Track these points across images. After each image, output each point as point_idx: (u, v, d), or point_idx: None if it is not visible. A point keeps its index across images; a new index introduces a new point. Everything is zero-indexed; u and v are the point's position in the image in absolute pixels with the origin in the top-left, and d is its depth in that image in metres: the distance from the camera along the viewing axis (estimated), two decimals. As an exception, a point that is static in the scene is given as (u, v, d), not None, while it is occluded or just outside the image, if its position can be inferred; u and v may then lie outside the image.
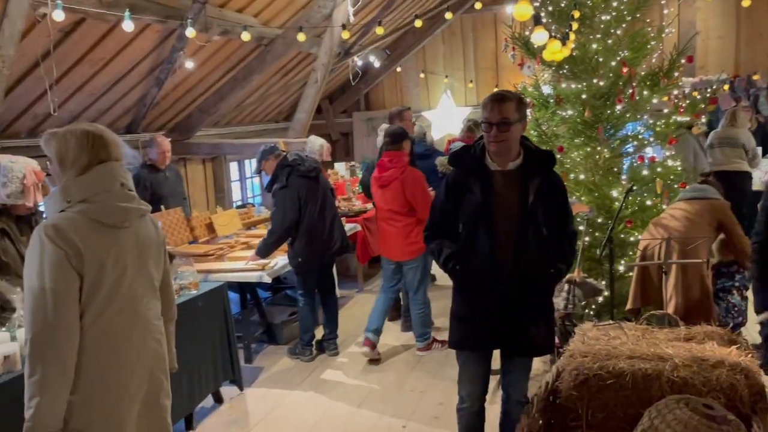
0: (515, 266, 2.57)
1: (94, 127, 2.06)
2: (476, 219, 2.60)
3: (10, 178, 3.24)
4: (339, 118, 10.81)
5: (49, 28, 4.18)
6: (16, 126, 5.37)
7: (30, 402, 1.84)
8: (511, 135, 2.53)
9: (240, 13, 6.20)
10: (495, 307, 2.62)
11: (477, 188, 2.60)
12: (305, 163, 4.68)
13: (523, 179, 2.60)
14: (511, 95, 2.58)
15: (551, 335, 2.77)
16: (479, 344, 2.72)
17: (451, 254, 2.67)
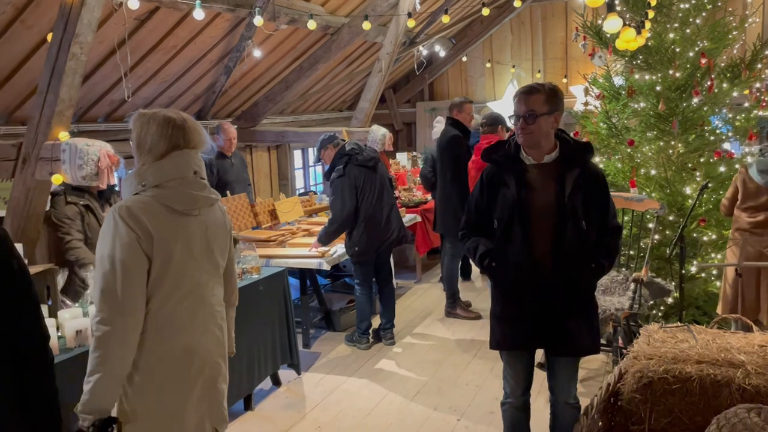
0: (553, 262, 2.50)
1: (177, 115, 2.08)
2: (511, 214, 2.54)
3: (86, 161, 3.41)
4: (402, 108, 10.78)
5: (124, 17, 4.33)
6: (94, 111, 5.62)
7: (90, 376, 1.90)
8: (538, 127, 2.49)
9: (307, 2, 6.26)
10: (534, 305, 2.55)
11: (512, 183, 2.56)
12: (363, 152, 4.69)
13: (560, 172, 2.53)
14: (540, 87, 2.53)
15: (595, 334, 2.66)
16: (519, 344, 2.66)
17: (486, 251, 2.63)
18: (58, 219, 3.48)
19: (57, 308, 3.09)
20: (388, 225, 4.75)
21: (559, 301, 2.53)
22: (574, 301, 2.56)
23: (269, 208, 5.85)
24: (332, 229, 4.69)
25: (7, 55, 4.32)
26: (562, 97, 2.58)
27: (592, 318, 2.63)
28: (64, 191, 3.43)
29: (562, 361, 2.67)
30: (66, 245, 3.46)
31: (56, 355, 2.62)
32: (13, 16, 4.03)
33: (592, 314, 2.64)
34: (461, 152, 5.18)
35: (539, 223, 2.52)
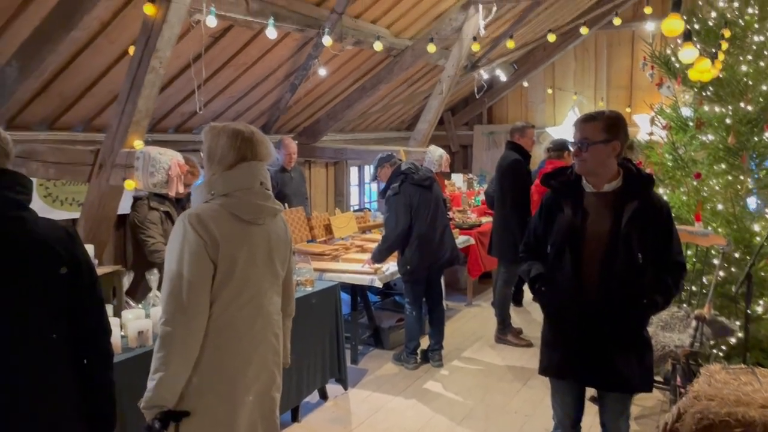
0: (601, 293, 2.45)
1: (245, 128, 2.17)
2: (563, 240, 2.53)
3: (157, 169, 3.57)
4: (460, 130, 10.80)
5: (201, 33, 4.53)
6: (166, 122, 5.87)
7: (153, 375, 1.98)
8: (592, 155, 2.47)
9: (374, 24, 6.39)
10: (578, 335, 2.51)
11: (568, 208, 2.55)
12: (419, 172, 4.74)
13: (619, 202, 2.49)
14: (598, 116, 2.52)
15: (647, 372, 2.56)
16: (563, 372, 2.62)
17: (538, 275, 2.63)
18: (140, 222, 3.67)
19: (121, 308, 3.22)
20: (441, 245, 4.76)
21: (604, 333, 2.48)
22: (621, 335, 2.49)
23: (324, 223, 5.95)
24: (385, 246, 4.74)
25: (89, 67, 4.58)
26: (624, 125, 2.55)
27: (642, 354, 2.54)
28: (147, 197, 3.61)
29: (612, 396, 2.61)
30: (150, 247, 3.64)
31: (118, 354, 2.74)
32: (98, 30, 4.27)
33: (642, 350, 2.55)
34: (521, 177, 5.15)
35: (590, 251, 2.49)
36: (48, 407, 1.67)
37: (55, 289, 1.69)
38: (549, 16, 8.85)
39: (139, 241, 3.81)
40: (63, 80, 4.50)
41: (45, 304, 1.68)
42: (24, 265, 1.64)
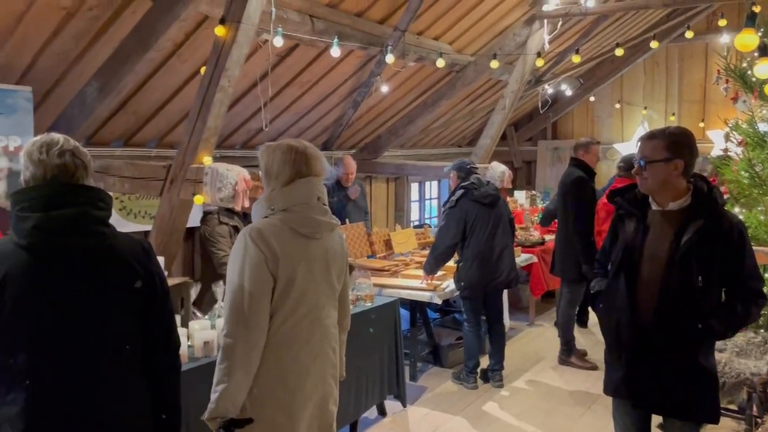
0: (657, 316, 2.35)
1: (299, 143, 2.23)
2: (622, 258, 2.46)
3: (225, 184, 3.68)
4: (523, 146, 10.65)
5: (268, 53, 4.67)
6: (233, 138, 6.06)
7: (216, 387, 2.03)
8: (651, 174, 2.40)
9: (436, 40, 6.42)
10: (633, 357, 2.42)
11: (630, 226, 2.48)
12: (481, 188, 4.66)
13: (683, 221, 2.37)
14: (660, 134, 2.44)
15: (711, 401, 2.41)
16: (621, 392, 2.52)
17: (598, 292, 2.59)
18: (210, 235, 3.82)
19: (189, 319, 3.33)
20: (499, 265, 4.66)
21: (659, 356, 2.37)
22: (677, 361, 2.37)
23: (384, 238, 5.97)
24: (433, 256, 4.72)
25: (163, 86, 4.80)
26: (689, 143, 2.44)
27: (705, 382, 2.40)
28: (217, 211, 3.76)
29: (677, 424, 2.49)
30: (220, 260, 3.78)
31: (185, 363, 2.82)
32: (171, 51, 4.47)
33: (703, 378, 2.40)
34: (585, 194, 5.02)
35: (647, 271, 2.41)
36: (120, 416, 1.74)
37: (129, 302, 1.76)
38: (616, 30, 8.65)
39: (209, 253, 3.94)
40: (138, 99, 4.73)
41: (120, 316, 1.75)
42: (102, 279, 1.72)
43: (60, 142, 1.71)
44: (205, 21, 4.31)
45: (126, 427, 1.76)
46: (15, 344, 1.62)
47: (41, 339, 1.63)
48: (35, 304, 1.63)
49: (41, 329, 1.64)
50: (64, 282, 1.66)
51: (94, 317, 1.70)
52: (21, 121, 3.78)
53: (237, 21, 3.60)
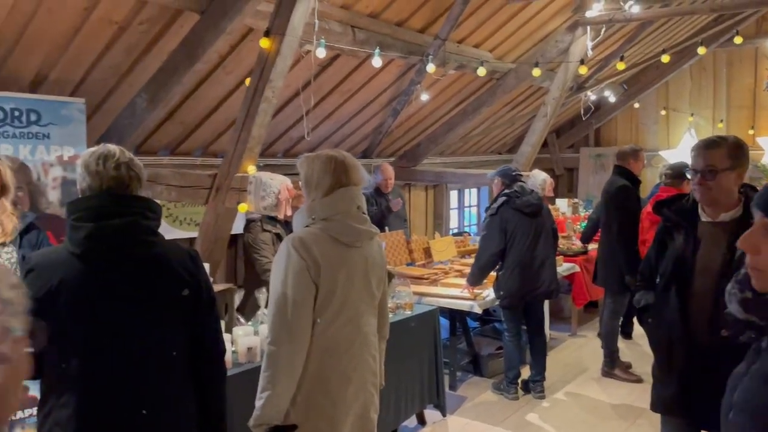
0: (709, 330, 2.27)
1: (338, 153, 2.27)
2: (672, 271, 2.39)
3: (268, 193, 3.75)
4: (564, 153, 10.50)
5: (310, 63, 4.74)
6: (275, 147, 6.17)
7: (261, 393, 2.07)
8: (717, 184, 2.31)
9: (477, 48, 6.40)
10: (685, 371, 2.35)
11: (680, 238, 2.40)
12: (523, 197, 4.60)
13: (735, 232, 2.27)
14: (722, 141, 2.34)
15: None
16: (671, 409, 2.46)
17: (646, 307, 2.52)
18: (254, 242, 3.90)
19: (232, 325, 3.39)
20: (539, 275, 4.60)
21: (715, 372, 2.29)
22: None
23: (424, 246, 5.97)
24: (476, 267, 4.69)
25: (208, 96, 4.92)
26: (747, 151, 2.38)
27: None
28: (260, 219, 3.84)
29: None
30: (263, 266, 3.86)
31: (229, 368, 2.88)
32: (217, 62, 4.59)
33: None
34: (630, 203, 4.91)
35: (700, 284, 2.34)
36: (168, 420, 1.79)
37: (177, 309, 1.82)
38: (662, 35, 8.48)
39: (252, 260, 4.02)
40: (185, 109, 4.86)
41: (167, 323, 1.81)
42: (150, 287, 1.78)
43: (116, 154, 1.79)
44: (250, 33, 4.41)
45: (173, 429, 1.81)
46: (68, 349, 1.68)
47: (93, 345, 1.70)
48: (87, 311, 1.69)
49: (93, 335, 1.70)
50: (115, 290, 1.72)
51: (142, 324, 1.76)
52: (74, 132, 3.93)
53: (281, 33, 3.67)
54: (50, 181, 3.84)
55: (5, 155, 3.63)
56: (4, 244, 2.67)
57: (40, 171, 3.81)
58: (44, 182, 3.82)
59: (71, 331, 1.68)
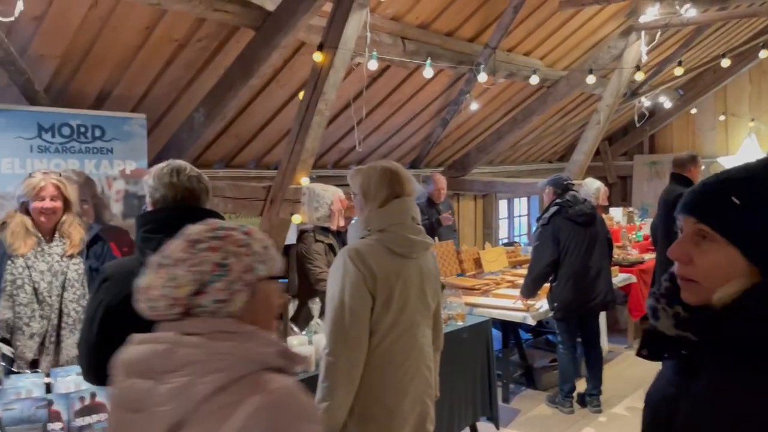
0: None
1: (391, 165, 2.29)
2: None
3: (321, 204, 3.81)
4: (617, 161, 10.26)
5: (360, 75, 4.80)
6: (325, 158, 6.25)
7: (319, 404, 2.08)
8: None
9: (527, 56, 6.35)
10: None
11: None
12: (576, 206, 4.51)
13: None
14: None
15: None
16: None
17: None
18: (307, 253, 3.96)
19: (287, 334, 3.43)
20: (594, 286, 4.49)
21: None
22: None
23: (474, 257, 5.92)
24: (529, 279, 4.61)
25: (262, 110, 5.03)
26: None
27: None
28: (313, 230, 3.90)
29: None
30: (316, 276, 3.92)
31: (285, 377, 2.92)
32: (270, 77, 4.69)
33: None
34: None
35: None
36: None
37: None
38: (719, 38, 8.22)
39: (305, 270, 4.07)
40: (239, 123, 4.98)
41: None
42: None
43: (187, 168, 1.86)
44: (302, 47, 4.50)
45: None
46: None
47: None
48: None
49: None
50: None
51: None
52: (136, 146, 4.08)
53: (334, 47, 3.73)
54: (113, 194, 3.99)
55: (72, 170, 3.81)
56: (72, 255, 2.79)
57: (104, 184, 3.97)
58: (108, 195, 3.98)
59: None
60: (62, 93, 3.91)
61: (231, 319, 1.10)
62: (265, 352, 1.09)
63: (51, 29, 3.46)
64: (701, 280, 1.00)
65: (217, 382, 1.02)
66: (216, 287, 1.09)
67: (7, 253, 2.66)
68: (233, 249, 1.11)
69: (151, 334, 1.13)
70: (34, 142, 3.70)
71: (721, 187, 1.01)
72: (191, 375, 1.03)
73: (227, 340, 1.07)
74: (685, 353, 1.04)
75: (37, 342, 2.69)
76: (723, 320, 0.96)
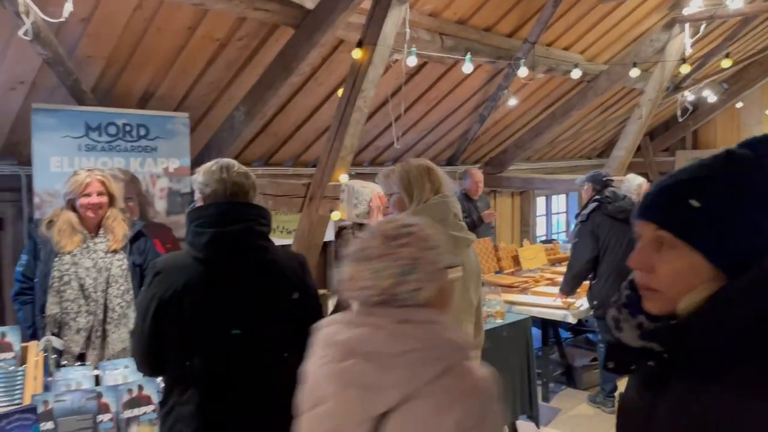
0: None
1: (427, 162, 2.29)
2: None
3: (360, 200, 3.81)
4: (659, 157, 10.03)
5: (397, 72, 4.79)
6: (362, 155, 6.25)
7: None
8: None
9: (566, 50, 6.25)
10: None
11: None
12: (616, 202, 4.43)
13: None
14: None
15: None
16: None
17: None
18: None
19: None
20: None
21: None
22: None
23: (512, 254, 5.86)
24: (569, 276, 4.54)
25: (300, 108, 5.06)
26: None
27: None
28: (352, 226, 3.92)
29: None
30: None
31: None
32: (309, 74, 4.72)
33: None
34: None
35: None
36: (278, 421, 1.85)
37: (288, 312, 1.89)
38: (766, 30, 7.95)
39: None
40: (278, 121, 5.03)
41: (280, 325, 1.87)
42: (265, 289, 1.86)
43: (235, 165, 1.90)
44: (340, 44, 4.51)
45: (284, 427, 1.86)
46: (192, 348, 1.78)
47: (214, 343, 1.79)
48: (210, 312, 1.79)
49: (214, 335, 1.79)
50: (234, 292, 1.81)
51: (257, 325, 1.84)
52: (179, 145, 4.16)
53: (373, 43, 3.73)
54: (157, 191, 4.08)
55: (118, 168, 3.90)
56: (116, 251, 2.85)
57: (148, 182, 4.05)
58: (152, 193, 4.06)
59: (195, 330, 1.77)
60: (108, 93, 4.01)
61: (428, 308, 1.22)
62: (465, 341, 1.23)
63: (97, 30, 3.55)
64: (664, 290, 0.94)
65: (438, 367, 1.14)
66: (412, 278, 1.21)
67: (54, 250, 2.73)
68: (422, 244, 1.25)
69: (356, 317, 1.24)
70: (82, 141, 3.80)
71: (678, 190, 0.94)
72: (415, 361, 1.14)
73: (436, 329, 1.19)
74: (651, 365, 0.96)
75: (83, 336, 2.75)
76: (688, 329, 0.89)
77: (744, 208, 0.89)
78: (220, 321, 1.79)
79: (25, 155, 3.92)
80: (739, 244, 0.89)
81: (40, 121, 3.64)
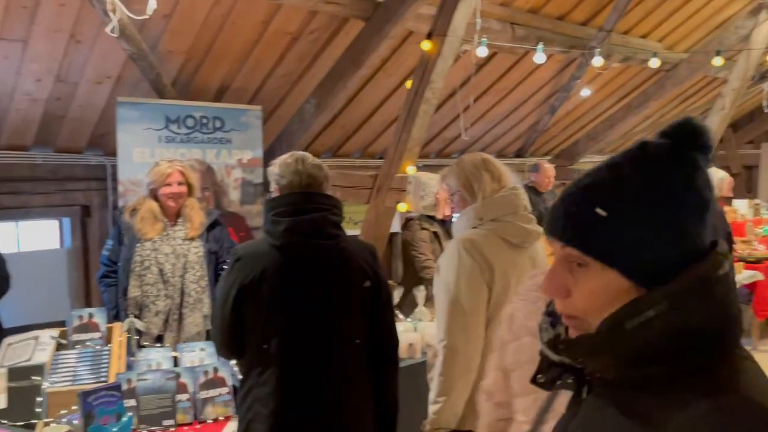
0: None
1: (481, 154, 2.24)
2: None
3: (427, 192, 3.80)
4: (743, 149, 9.50)
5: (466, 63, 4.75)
6: (429, 147, 6.24)
7: (438, 397, 2.03)
8: None
9: (644, 38, 6.01)
10: None
11: None
12: None
13: None
14: None
15: None
16: None
17: None
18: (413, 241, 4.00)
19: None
20: None
21: None
22: None
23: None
24: None
25: (369, 100, 5.10)
26: None
27: None
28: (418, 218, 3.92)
29: None
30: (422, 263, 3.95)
31: (393, 362, 2.97)
32: (378, 66, 4.74)
33: None
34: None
35: None
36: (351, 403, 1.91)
37: (360, 299, 1.93)
38: None
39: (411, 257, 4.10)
40: (347, 113, 5.09)
41: (351, 312, 1.92)
42: (338, 277, 1.91)
43: (309, 157, 1.96)
44: (410, 36, 4.51)
45: (354, 410, 1.92)
46: (270, 332, 1.85)
47: (291, 328, 1.86)
48: (287, 298, 1.86)
49: (291, 319, 1.86)
50: (309, 278, 1.88)
51: (331, 311, 1.90)
52: (252, 137, 4.28)
53: (443, 34, 3.71)
54: (231, 182, 4.21)
55: (195, 159, 4.05)
56: (193, 238, 2.96)
57: (223, 173, 4.19)
58: (227, 183, 4.20)
59: (273, 314, 1.85)
60: (187, 86, 4.17)
61: None
62: None
63: (178, 26, 3.69)
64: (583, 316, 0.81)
65: None
66: None
67: (137, 237, 2.88)
68: None
69: None
70: (162, 132, 3.97)
71: (582, 199, 0.80)
72: None
73: None
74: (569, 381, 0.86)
75: (162, 319, 2.89)
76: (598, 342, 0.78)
77: (660, 212, 0.76)
78: (296, 306, 1.85)
79: (111, 146, 4.13)
80: (659, 253, 0.75)
81: (124, 113, 3.83)
